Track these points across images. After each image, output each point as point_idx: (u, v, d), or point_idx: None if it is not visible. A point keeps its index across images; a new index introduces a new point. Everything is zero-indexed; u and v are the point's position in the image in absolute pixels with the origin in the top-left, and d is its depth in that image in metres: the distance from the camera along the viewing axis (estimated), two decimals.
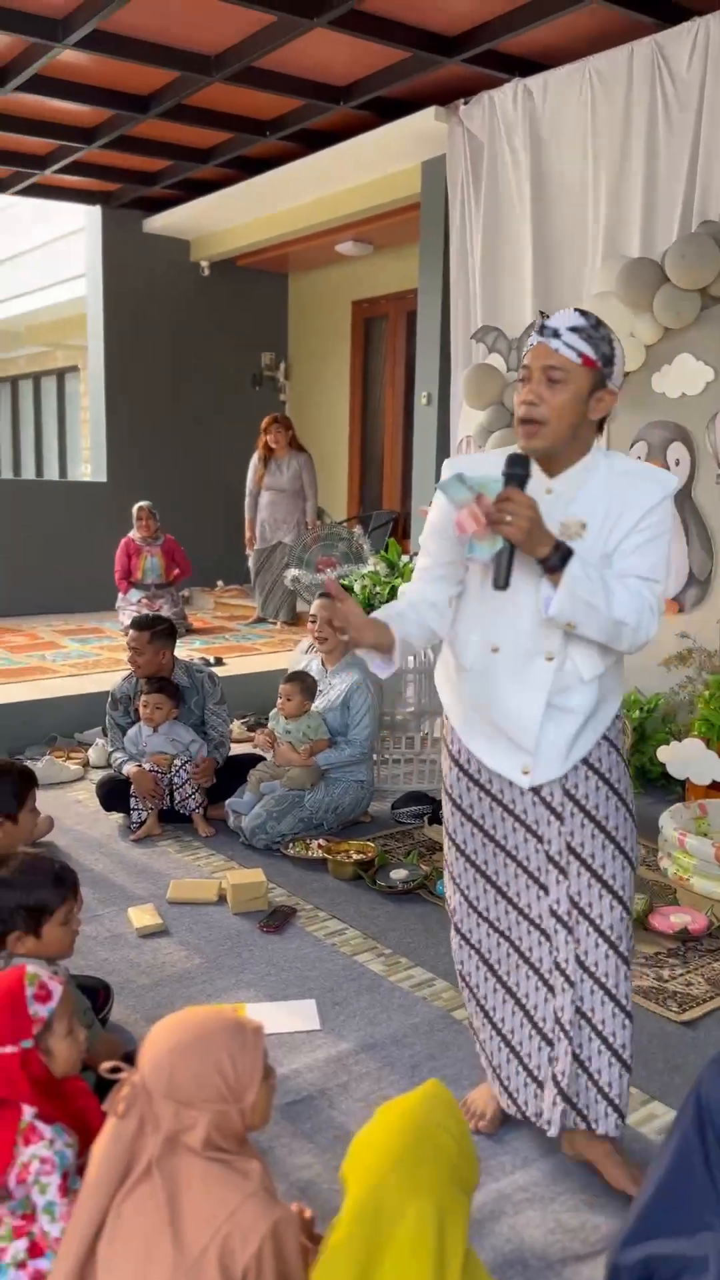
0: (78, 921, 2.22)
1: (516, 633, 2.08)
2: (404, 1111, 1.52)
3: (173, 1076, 1.57)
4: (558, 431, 1.99)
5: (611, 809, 2.12)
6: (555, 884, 2.15)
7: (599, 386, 2.00)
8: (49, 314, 11.52)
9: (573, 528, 2.02)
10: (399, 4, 4.96)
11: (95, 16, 4.93)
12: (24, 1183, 1.74)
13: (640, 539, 2.02)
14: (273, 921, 3.36)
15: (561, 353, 1.96)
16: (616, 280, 4.76)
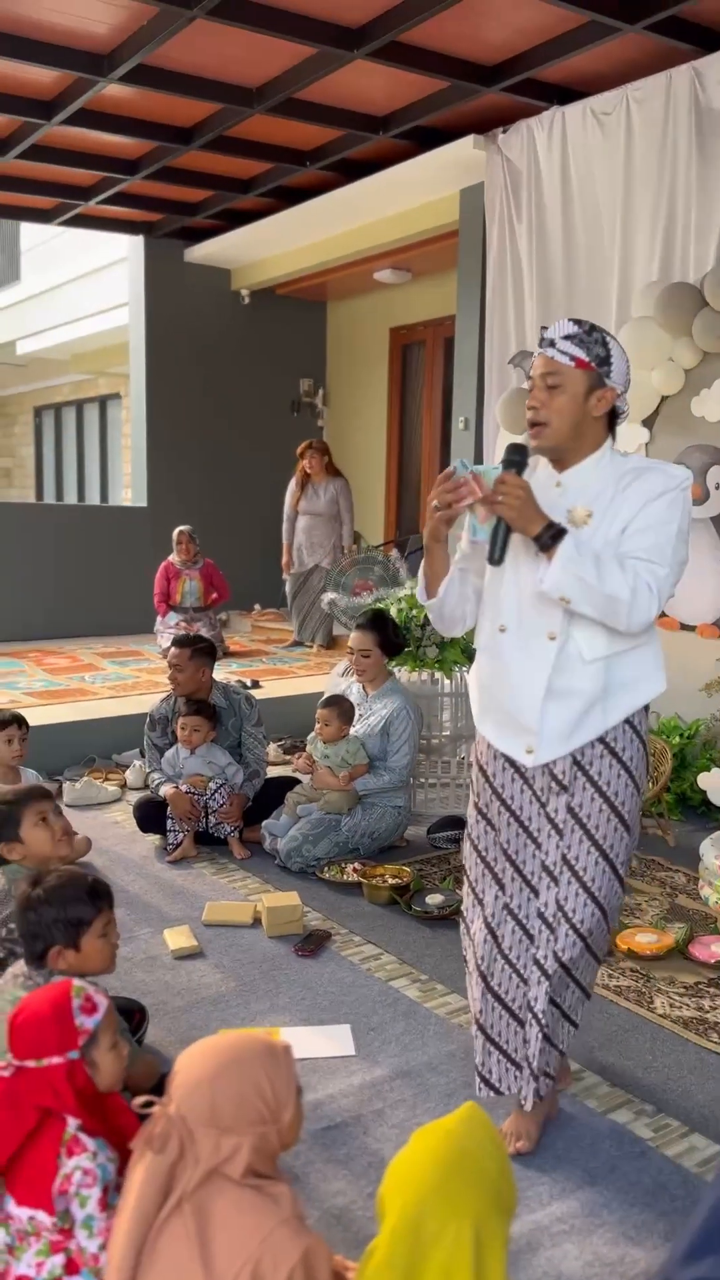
0: (116, 935, 2.22)
1: (521, 613, 2.21)
2: (444, 1134, 1.50)
3: (214, 1104, 1.57)
4: (560, 430, 2.16)
5: (621, 785, 2.23)
6: (552, 847, 2.26)
7: (597, 385, 2.14)
8: (92, 342, 11.71)
9: (579, 516, 2.16)
10: (438, 35, 5.02)
11: (140, 52, 5.03)
12: (65, 1194, 1.74)
13: (642, 523, 2.13)
14: (308, 945, 3.34)
15: (556, 359, 2.13)
16: (655, 305, 4.75)
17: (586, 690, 2.17)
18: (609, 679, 2.18)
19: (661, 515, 2.13)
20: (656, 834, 4.48)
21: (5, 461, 16.32)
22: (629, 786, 2.24)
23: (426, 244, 7.42)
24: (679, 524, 2.15)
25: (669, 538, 2.13)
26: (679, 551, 2.15)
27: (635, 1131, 2.41)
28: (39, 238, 11.99)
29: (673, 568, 2.14)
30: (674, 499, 2.14)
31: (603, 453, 2.21)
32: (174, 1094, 1.64)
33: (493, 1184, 1.45)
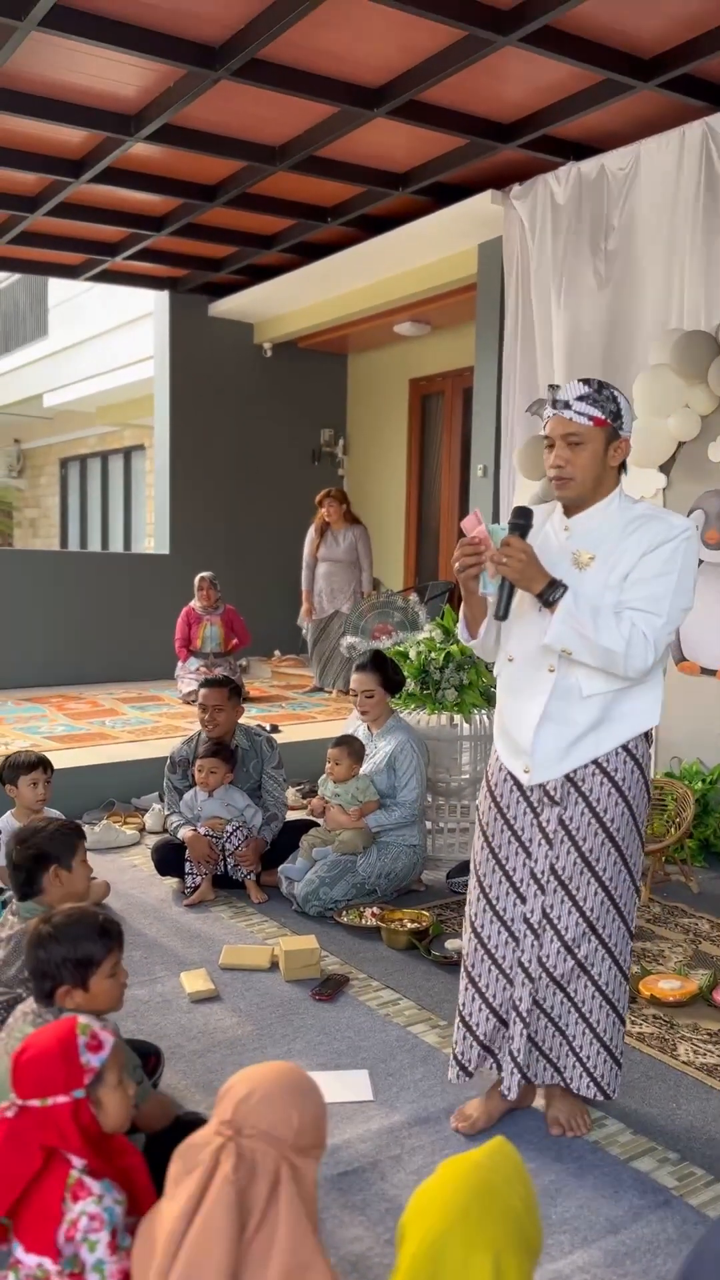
0: (124, 973, 2.21)
1: (527, 647, 2.40)
2: (472, 1165, 1.49)
3: (300, 1126, 1.61)
4: (585, 483, 2.34)
5: (612, 804, 2.38)
6: (541, 856, 2.42)
7: (613, 439, 2.33)
8: (118, 395, 11.92)
9: (583, 559, 2.35)
10: (456, 94, 5.15)
11: (166, 112, 5.19)
12: (72, 1240, 1.72)
13: (641, 574, 2.29)
14: (325, 990, 3.31)
15: (576, 420, 2.29)
16: (670, 353, 4.80)
17: (582, 721, 2.36)
18: (606, 712, 2.36)
19: (660, 566, 2.27)
20: (680, 880, 4.43)
21: (31, 512, 16.54)
22: (620, 807, 2.39)
23: (445, 297, 7.54)
24: (679, 574, 2.28)
25: (668, 588, 2.27)
26: (678, 600, 2.29)
27: (659, 1180, 2.36)
28: (67, 293, 12.27)
29: (670, 616, 2.27)
30: (675, 548, 2.28)
31: (612, 498, 2.38)
32: (243, 1112, 1.62)
33: (518, 1220, 1.42)
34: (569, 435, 2.30)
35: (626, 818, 2.40)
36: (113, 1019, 2.69)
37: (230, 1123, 1.57)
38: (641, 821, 2.44)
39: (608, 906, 2.42)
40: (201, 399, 9.21)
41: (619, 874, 2.42)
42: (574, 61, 4.63)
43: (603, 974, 2.44)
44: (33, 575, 8.53)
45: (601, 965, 2.44)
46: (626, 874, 2.43)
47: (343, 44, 4.64)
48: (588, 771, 2.38)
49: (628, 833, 2.40)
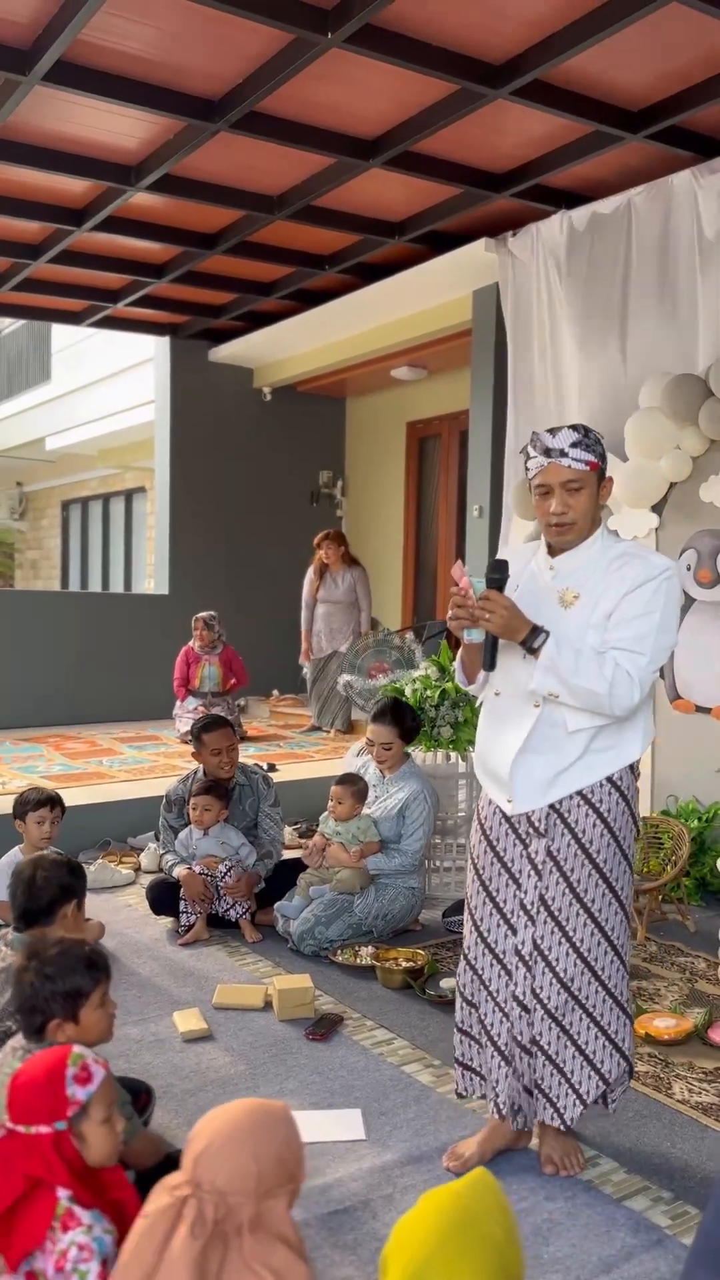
0: (113, 1004, 2.21)
1: (513, 683, 2.47)
2: (453, 1196, 1.49)
3: (260, 1173, 1.58)
4: (584, 526, 2.44)
5: (597, 835, 2.42)
6: (531, 888, 2.47)
7: (602, 479, 2.45)
8: (119, 438, 12.04)
9: (568, 597, 2.44)
10: (450, 145, 5.27)
11: (166, 163, 5.30)
12: (62, 1270, 1.71)
13: (623, 614, 2.36)
14: (319, 1029, 3.29)
15: (574, 467, 2.38)
16: (662, 395, 4.87)
17: (568, 753, 2.41)
18: (590, 745, 2.41)
19: (642, 605, 2.35)
20: (677, 919, 4.41)
21: (33, 553, 16.63)
22: (606, 838, 2.43)
23: (441, 343, 7.65)
24: (661, 612, 2.35)
25: (651, 627, 2.34)
26: (661, 638, 2.35)
27: (652, 1219, 2.34)
28: (70, 339, 12.44)
29: (654, 655, 2.34)
30: (655, 588, 2.36)
31: (595, 538, 2.47)
32: (201, 1167, 1.62)
33: (498, 1249, 1.43)
34: (569, 482, 2.38)
35: (614, 849, 2.44)
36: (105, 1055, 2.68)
37: (190, 1180, 1.57)
38: (630, 854, 2.48)
39: (599, 939, 2.44)
40: (202, 442, 9.31)
41: (609, 905, 2.45)
42: (564, 114, 4.75)
43: (602, 1012, 2.45)
44: (32, 615, 8.57)
45: (596, 998, 2.45)
46: (617, 905, 2.46)
47: (338, 97, 4.76)
48: (573, 803, 2.43)
49: (615, 864, 2.44)
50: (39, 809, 3.96)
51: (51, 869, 2.81)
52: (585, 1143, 2.65)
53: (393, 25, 4.13)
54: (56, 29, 4.12)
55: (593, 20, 4.04)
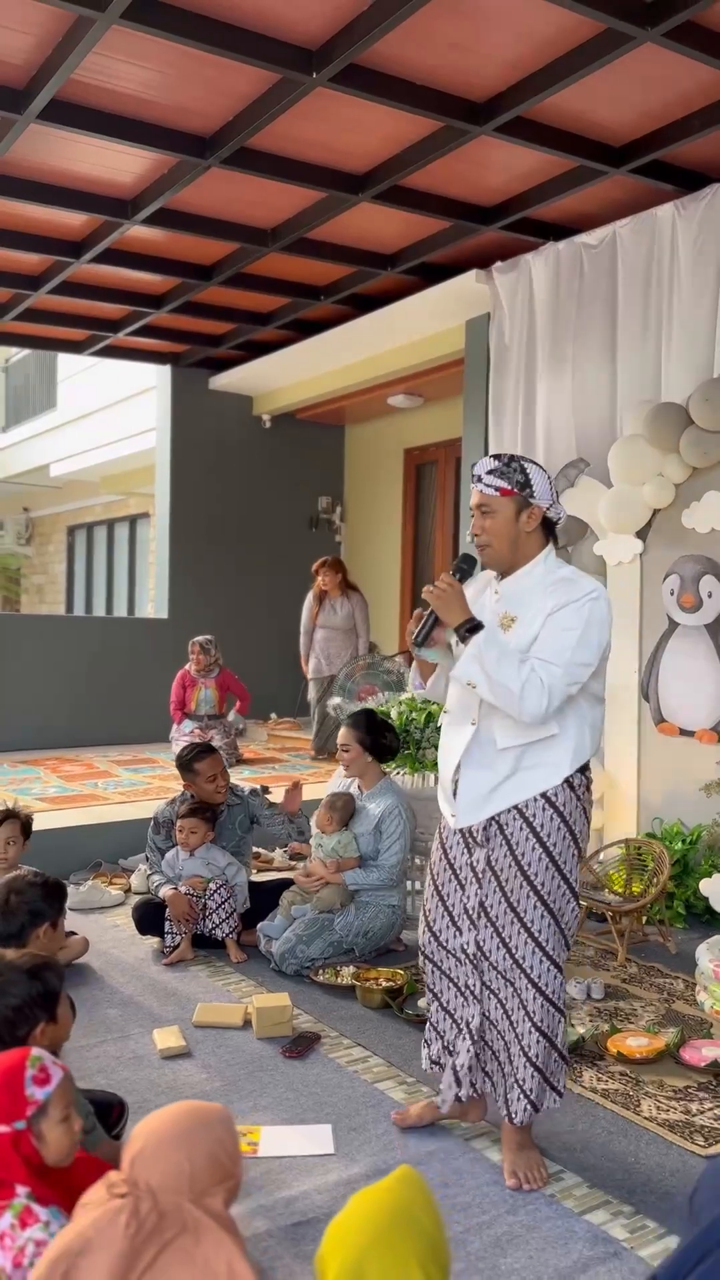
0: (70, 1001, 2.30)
1: (456, 702, 2.65)
2: (382, 1191, 1.54)
3: (193, 1173, 1.63)
4: (500, 548, 2.57)
5: (529, 848, 2.52)
6: (473, 894, 2.61)
7: (524, 506, 2.55)
8: (122, 465, 12.19)
9: (506, 621, 2.57)
10: (437, 179, 5.39)
11: (161, 197, 5.43)
12: (20, 1266, 1.76)
13: (547, 632, 2.49)
14: (296, 1047, 3.33)
15: (485, 491, 2.55)
16: (644, 424, 4.95)
17: (498, 770, 2.54)
18: (519, 763, 2.53)
19: (564, 623, 2.47)
20: (658, 941, 4.44)
21: (39, 578, 16.77)
22: (539, 852, 2.52)
23: (435, 371, 7.77)
24: (582, 629, 2.46)
25: (568, 642, 2.45)
26: (579, 653, 2.45)
27: (611, 1232, 2.37)
28: (75, 367, 12.62)
29: (569, 668, 2.44)
30: (579, 607, 2.47)
31: (536, 562, 2.59)
32: (138, 1167, 1.67)
33: (429, 1238, 1.48)
34: (481, 505, 2.57)
35: (546, 864, 2.52)
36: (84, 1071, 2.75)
37: (127, 1179, 1.62)
38: (566, 868, 2.54)
39: (532, 948, 2.55)
40: (202, 468, 9.43)
41: (540, 916, 2.54)
42: (548, 149, 4.86)
43: (534, 1010, 2.55)
44: (34, 639, 8.66)
45: (526, 994, 2.56)
46: (550, 918, 2.54)
47: (326, 134, 4.88)
48: (509, 817, 2.55)
49: (548, 878, 2.52)
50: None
51: (26, 891, 2.86)
52: (551, 1158, 2.68)
53: (376, 65, 4.25)
54: (51, 69, 4.25)
55: (570, 61, 4.16)
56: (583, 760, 2.56)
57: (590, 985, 3.79)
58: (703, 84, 4.40)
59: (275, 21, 3.97)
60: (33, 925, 2.82)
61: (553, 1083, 2.59)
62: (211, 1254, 1.56)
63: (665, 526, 5.04)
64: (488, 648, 2.43)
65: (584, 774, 2.59)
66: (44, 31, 4.09)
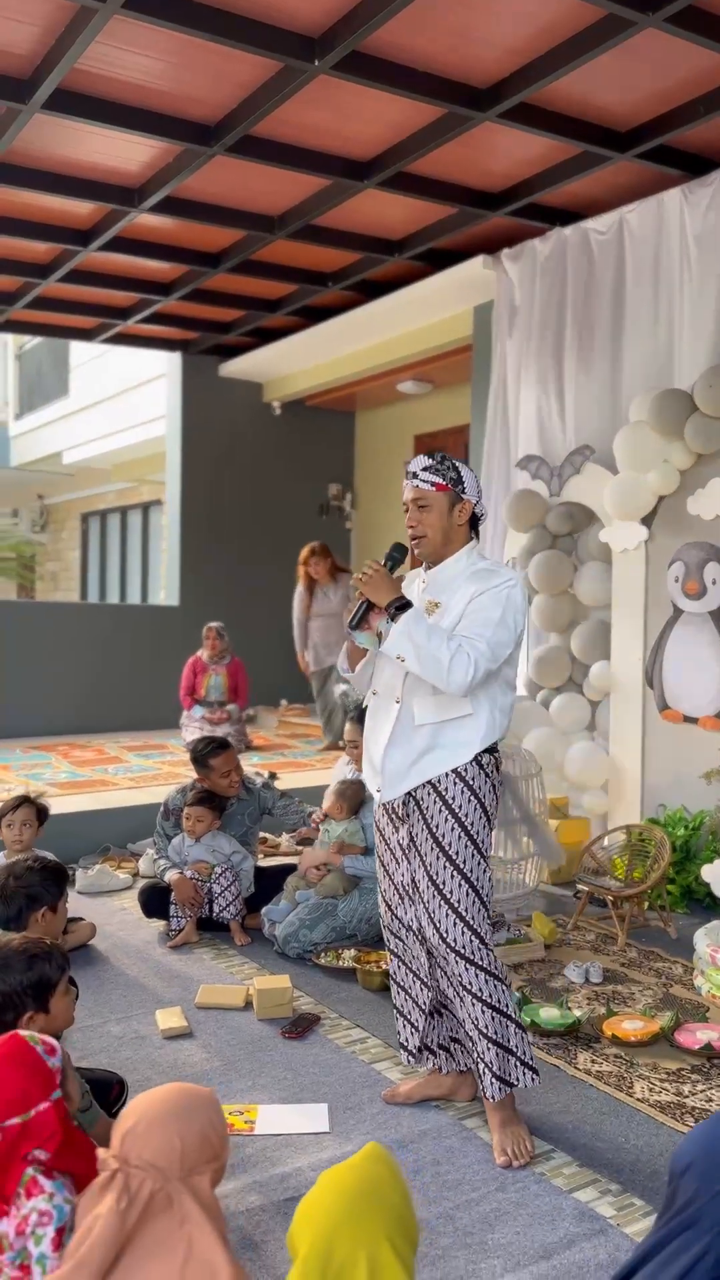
0: (74, 992, 2.33)
1: (384, 683, 2.80)
2: (350, 1169, 1.57)
3: (183, 1150, 1.68)
4: (435, 540, 2.75)
5: (444, 823, 2.68)
6: (405, 870, 2.77)
7: (456, 501, 2.73)
8: (133, 452, 12.23)
9: (431, 606, 2.75)
10: (443, 165, 5.38)
11: (167, 185, 5.45)
12: (22, 1234, 1.82)
13: (468, 614, 2.65)
14: (295, 1028, 3.38)
15: (421, 487, 2.72)
16: (649, 410, 4.95)
17: (416, 745, 2.70)
18: (434, 739, 2.68)
19: (483, 605, 2.64)
20: (659, 926, 4.47)
21: (53, 565, 16.86)
22: (452, 824, 2.68)
23: (444, 357, 7.76)
24: (500, 614, 2.63)
25: (487, 622, 2.61)
26: (497, 634, 2.61)
27: (598, 1210, 2.41)
28: (87, 355, 12.65)
29: (491, 645, 2.60)
30: (494, 595, 2.64)
31: (461, 554, 2.76)
32: (128, 1144, 1.72)
33: (397, 1212, 1.52)
34: (416, 500, 2.73)
35: (460, 834, 2.67)
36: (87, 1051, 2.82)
37: (118, 1155, 1.66)
38: (480, 839, 2.70)
39: (454, 920, 2.68)
40: (213, 456, 9.46)
41: (460, 887, 2.68)
42: (552, 135, 4.85)
43: (470, 981, 2.68)
44: (46, 627, 8.74)
45: (458, 967, 2.68)
46: (467, 886, 2.68)
47: (330, 121, 4.88)
48: (425, 792, 2.70)
49: (461, 847, 2.67)
50: (8, 813, 4.07)
51: (25, 875, 2.91)
52: (542, 1138, 2.72)
53: (377, 52, 4.25)
54: (54, 59, 4.27)
55: (571, 46, 4.15)
56: (492, 740, 2.70)
57: (589, 969, 3.82)
58: (706, 68, 4.38)
59: (276, 9, 3.98)
60: (30, 909, 2.87)
61: (520, 1055, 2.68)
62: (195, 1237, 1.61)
63: (670, 513, 5.04)
64: (416, 623, 2.58)
65: (493, 754, 2.74)
66: (47, 22, 4.12)
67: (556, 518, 5.58)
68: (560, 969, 3.94)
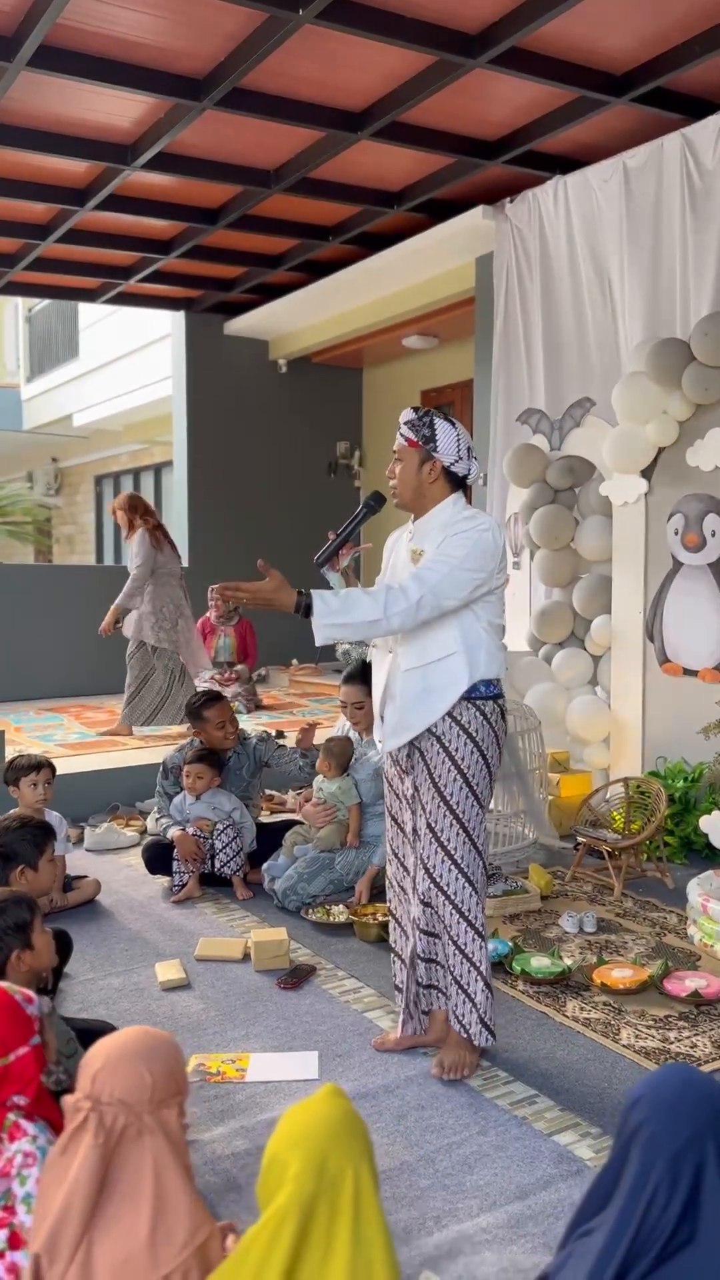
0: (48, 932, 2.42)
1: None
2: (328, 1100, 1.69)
3: (153, 1083, 1.76)
4: (405, 493, 2.81)
5: (445, 770, 2.73)
6: (412, 819, 2.85)
7: (426, 459, 2.76)
8: (143, 413, 12.20)
9: (415, 555, 2.79)
10: (437, 114, 5.30)
11: (159, 141, 5.40)
12: (7, 1175, 1.89)
13: (438, 549, 2.71)
14: (291, 979, 3.45)
15: (399, 440, 2.79)
16: (647, 361, 4.90)
17: (408, 691, 2.75)
18: (425, 684, 2.73)
19: (448, 546, 2.69)
20: (655, 877, 4.50)
21: (68, 529, 16.92)
22: (452, 772, 2.73)
23: (448, 310, 7.69)
24: (463, 554, 2.65)
25: (445, 560, 2.66)
26: (454, 574, 2.64)
27: (576, 1152, 2.46)
28: (95, 316, 12.60)
29: (440, 580, 2.63)
30: (463, 538, 2.68)
31: (443, 506, 2.79)
32: (99, 1083, 1.78)
33: (367, 1140, 1.66)
34: (394, 451, 2.81)
35: (462, 786, 2.73)
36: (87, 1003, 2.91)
37: (89, 1095, 1.72)
38: (478, 786, 2.74)
39: (449, 865, 2.75)
40: (219, 415, 9.44)
41: (456, 835, 2.74)
42: (546, 81, 4.77)
43: (453, 928, 2.77)
44: (58, 589, 8.80)
45: (447, 910, 2.77)
46: (465, 835, 2.74)
47: (320, 71, 4.81)
48: (428, 743, 2.75)
49: (458, 790, 2.73)
50: (30, 773, 4.13)
51: (3, 835, 2.99)
52: (526, 1083, 2.78)
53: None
54: (37, 14, 4.23)
55: None
56: (477, 677, 2.71)
57: (583, 919, 3.87)
58: (701, 7, 4.28)
59: None
60: (7, 868, 2.94)
61: (481, 1013, 2.77)
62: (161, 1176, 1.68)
63: (670, 465, 5.00)
64: (326, 604, 2.60)
65: (496, 702, 2.77)
66: None
67: (557, 472, 5.55)
68: (555, 919, 3.99)
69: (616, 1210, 1.60)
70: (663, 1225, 1.61)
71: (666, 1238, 1.61)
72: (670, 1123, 1.63)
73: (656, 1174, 1.63)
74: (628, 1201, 1.63)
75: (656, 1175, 1.63)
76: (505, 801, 4.64)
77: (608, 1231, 1.65)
